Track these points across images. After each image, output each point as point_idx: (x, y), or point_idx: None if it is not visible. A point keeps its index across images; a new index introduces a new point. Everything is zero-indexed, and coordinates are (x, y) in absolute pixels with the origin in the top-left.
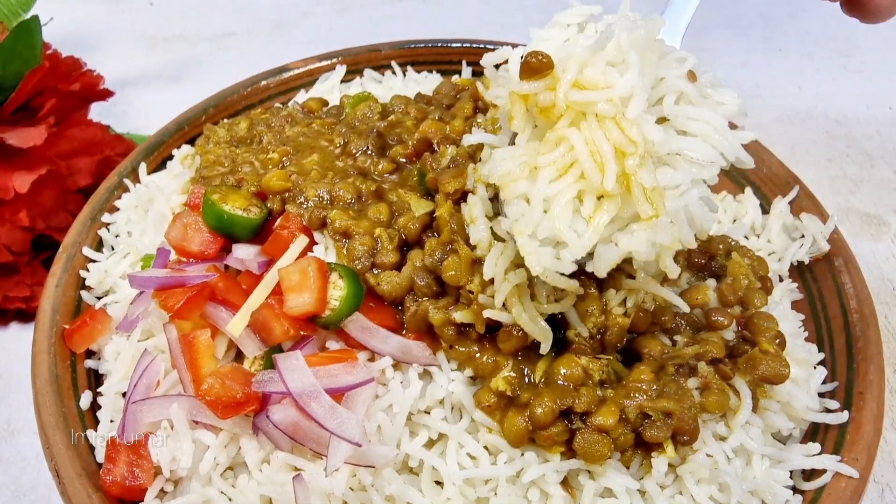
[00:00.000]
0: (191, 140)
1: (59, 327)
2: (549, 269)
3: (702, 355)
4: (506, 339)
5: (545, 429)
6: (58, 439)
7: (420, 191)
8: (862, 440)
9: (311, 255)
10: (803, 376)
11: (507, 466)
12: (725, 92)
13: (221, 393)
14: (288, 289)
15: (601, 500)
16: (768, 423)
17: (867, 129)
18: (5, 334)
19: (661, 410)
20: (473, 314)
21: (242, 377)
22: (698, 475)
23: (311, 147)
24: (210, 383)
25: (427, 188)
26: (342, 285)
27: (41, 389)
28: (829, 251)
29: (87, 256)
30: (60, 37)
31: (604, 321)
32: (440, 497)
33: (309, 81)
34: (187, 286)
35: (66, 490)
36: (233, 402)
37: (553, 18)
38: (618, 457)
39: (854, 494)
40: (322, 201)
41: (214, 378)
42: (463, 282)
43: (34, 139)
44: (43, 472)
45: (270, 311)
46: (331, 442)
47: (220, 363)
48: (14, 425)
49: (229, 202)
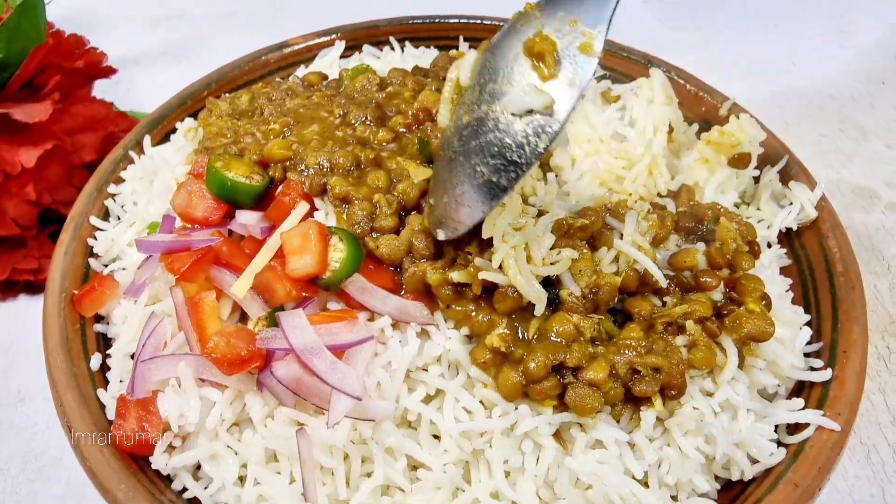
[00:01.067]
0: (193, 114)
1: (69, 293)
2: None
3: (690, 314)
4: (501, 300)
5: (538, 383)
6: (70, 398)
7: (421, 158)
8: (844, 396)
9: (312, 220)
10: (789, 336)
11: (501, 420)
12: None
13: (227, 350)
14: (290, 251)
15: (592, 451)
16: (754, 380)
17: (861, 104)
18: (14, 306)
19: (650, 366)
20: (470, 275)
21: (247, 336)
22: (685, 427)
23: (312, 118)
24: (216, 341)
25: (429, 155)
26: (342, 248)
27: (52, 351)
28: (816, 218)
29: (94, 226)
30: (63, 17)
31: (596, 280)
32: (437, 449)
33: (308, 57)
34: (193, 250)
35: (79, 446)
36: (238, 360)
37: None
38: (608, 410)
39: (836, 446)
40: (322, 169)
41: (220, 336)
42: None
43: (40, 114)
44: (53, 437)
45: (273, 273)
46: (332, 396)
47: (225, 325)
48: (24, 392)
49: (232, 170)
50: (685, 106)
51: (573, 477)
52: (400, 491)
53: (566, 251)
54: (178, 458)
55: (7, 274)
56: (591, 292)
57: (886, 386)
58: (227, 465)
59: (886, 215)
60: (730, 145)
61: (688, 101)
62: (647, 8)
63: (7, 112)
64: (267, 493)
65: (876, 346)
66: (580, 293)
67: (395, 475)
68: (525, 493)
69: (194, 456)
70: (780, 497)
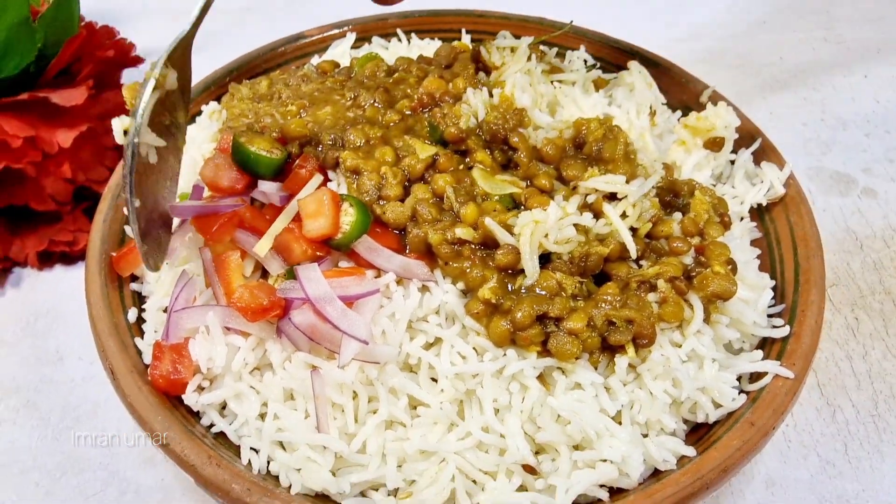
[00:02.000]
0: (217, 98)
1: (107, 255)
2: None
3: (661, 274)
4: (504, 256)
5: (524, 330)
6: (111, 344)
7: (431, 139)
8: (800, 349)
9: (326, 188)
10: (753, 297)
11: (491, 363)
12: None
13: (250, 300)
14: (306, 215)
15: (572, 392)
16: (719, 334)
17: (842, 96)
18: (51, 275)
19: (624, 318)
20: (471, 233)
21: (267, 290)
22: (655, 372)
23: (325, 101)
24: (241, 292)
25: (439, 139)
26: (352, 212)
27: (95, 304)
28: (784, 195)
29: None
30: (94, 10)
31: (587, 250)
32: (435, 389)
33: (322, 48)
34: (220, 213)
35: (120, 384)
36: (260, 308)
37: None
38: (587, 357)
39: (790, 392)
40: (335, 145)
41: (244, 288)
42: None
43: (76, 99)
44: (88, 392)
45: (291, 234)
46: (343, 340)
47: (248, 281)
48: (62, 352)
49: (255, 145)
50: (669, 94)
51: (554, 414)
52: (402, 426)
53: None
54: (206, 397)
55: (45, 245)
56: (581, 260)
57: (853, 353)
58: (250, 403)
59: (862, 199)
60: (705, 129)
61: (671, 90)
62: (639, 5)
63: (47, 96)
64: (285, 426)
65: (846, 318)
66: (567, 257)
67: (397, 412)
68: (512, 427)
69: (221, 395)
70: (738, 433)
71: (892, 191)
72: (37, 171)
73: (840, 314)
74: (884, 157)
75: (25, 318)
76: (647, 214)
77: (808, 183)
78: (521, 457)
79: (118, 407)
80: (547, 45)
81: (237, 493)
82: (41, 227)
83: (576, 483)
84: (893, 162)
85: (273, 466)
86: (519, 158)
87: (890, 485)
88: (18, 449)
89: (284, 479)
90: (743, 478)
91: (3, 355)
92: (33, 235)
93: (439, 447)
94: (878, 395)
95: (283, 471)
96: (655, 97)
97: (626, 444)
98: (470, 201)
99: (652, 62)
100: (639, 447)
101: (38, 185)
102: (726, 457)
